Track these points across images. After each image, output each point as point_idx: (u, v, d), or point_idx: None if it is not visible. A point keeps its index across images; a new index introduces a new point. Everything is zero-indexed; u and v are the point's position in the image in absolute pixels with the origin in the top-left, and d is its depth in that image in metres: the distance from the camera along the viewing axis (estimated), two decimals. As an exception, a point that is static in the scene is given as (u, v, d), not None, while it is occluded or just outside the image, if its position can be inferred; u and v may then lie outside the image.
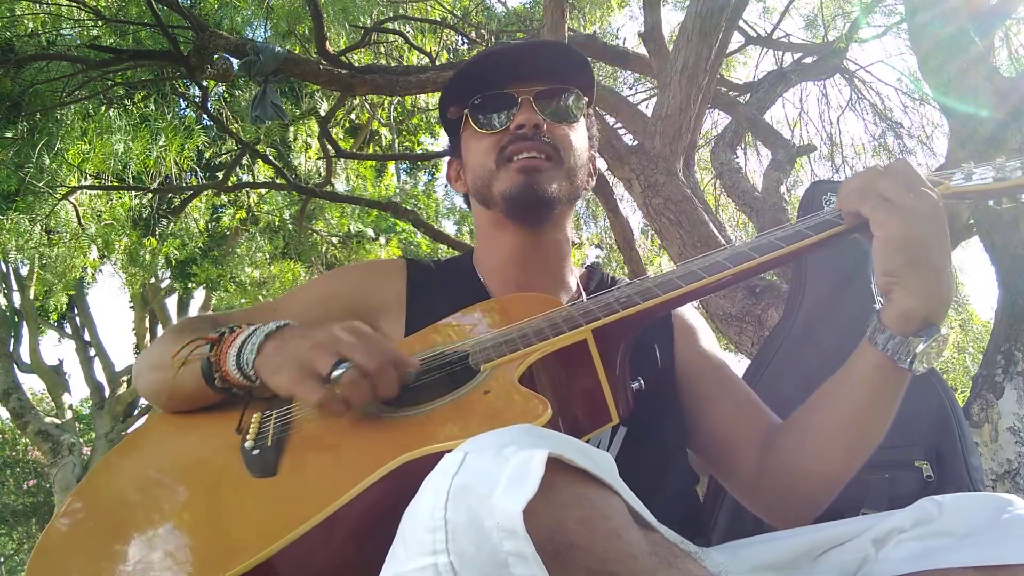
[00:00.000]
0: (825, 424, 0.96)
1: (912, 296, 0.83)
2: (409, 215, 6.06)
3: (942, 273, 0.83)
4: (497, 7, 6.98)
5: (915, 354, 0.85)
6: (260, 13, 5.54)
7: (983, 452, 2.22)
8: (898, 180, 0.84)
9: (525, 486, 0.52)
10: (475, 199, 1.22)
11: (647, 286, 0.93)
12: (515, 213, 1.14)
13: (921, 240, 0.82)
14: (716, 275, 0.90)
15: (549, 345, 0.87)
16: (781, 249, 0.90)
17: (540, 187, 1.11)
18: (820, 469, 0.97)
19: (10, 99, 4.81)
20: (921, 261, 0.82)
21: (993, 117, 2.39)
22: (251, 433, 0.88)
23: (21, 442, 12.80)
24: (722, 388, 1.15)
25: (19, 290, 9.29)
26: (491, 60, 1.18)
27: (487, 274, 1.22)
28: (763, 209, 4.26)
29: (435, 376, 0.92)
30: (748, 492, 1.11)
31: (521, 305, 1.04)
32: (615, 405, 0.90)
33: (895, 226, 0.82)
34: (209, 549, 0.73)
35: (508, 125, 1.13)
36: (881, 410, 0.92)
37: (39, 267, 6.85)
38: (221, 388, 0.94)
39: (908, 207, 0.82)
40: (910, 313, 0.84)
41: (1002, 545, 0.68)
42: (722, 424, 1.12)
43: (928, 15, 2.57)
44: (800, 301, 1.76)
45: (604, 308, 0.92)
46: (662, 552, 0.57)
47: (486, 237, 1.23)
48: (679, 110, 3.43)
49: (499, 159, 1.13)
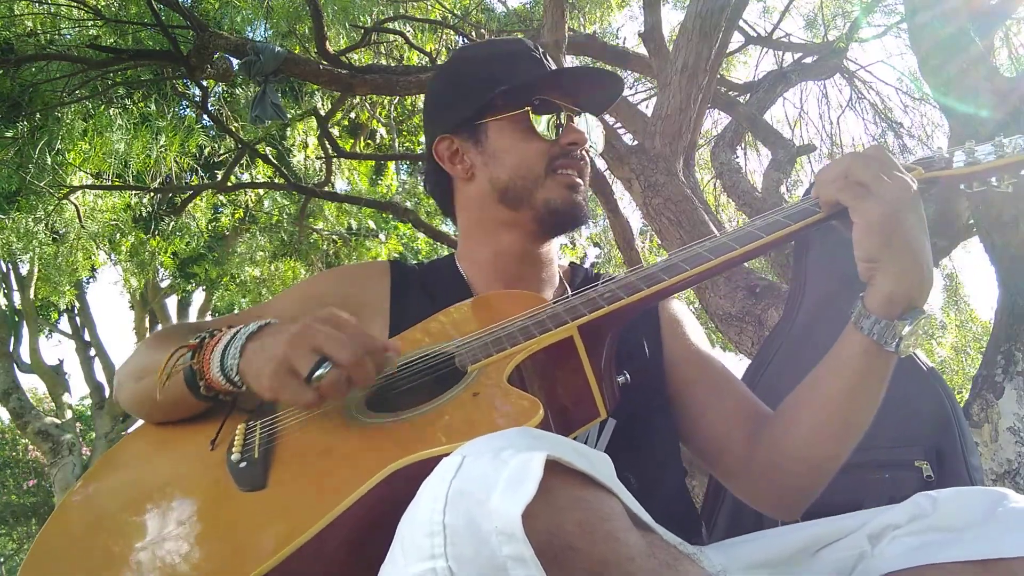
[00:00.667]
0: (813, 409, 0.97)
1: (893, 280, 0.84)
2: (409, 215, 6.06)
3: (921, 255, 0.85)
4: (497, 7, 6.98)
5: (900, 337, 0.86)
6: (260, 13, 5.54)
7: (983, 452, 2.22)
8: (872, 166, 0.85)
9: (523, 489, 0.52)
10: (497, 196, 1.16)
11: (631, 280, 0.94)
12: (552, 222, 1.15)
13: (898, 223, 0.83)
14: (698, 267, 0.91)
15: (535, 343, 0.87)
16: (761, 239, 0.90)
17: (582, 207, 1.15)
18: (809, 454, 0.98)
19: (10, 99, 4.82)
20: (899, 244, 0.83)
21: (993, 117, 2.39)
22: (236, 445, 0.86)
23: (21, 442, 12.81)
24: (708, 377, 1.15)
25: (19, 290, 9.29)
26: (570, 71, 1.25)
27: (472, 271, 1.21)
28: (763, 209, 4.25)
29: (421, 379, 0.92)
30: (738, 479, 1.11)
31: (505, 302, 1.03)
32: (603, 400, 0.90)
33: (872, 211, 0.83)
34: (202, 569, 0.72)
35: (559, 138, 1.14)
36: (868, 394, 0.93)
37: (42, 267, 6.84)
38: (206, 396, 0.92)
39: (883, 191, 0.83)
40: (893, 297, 0.85)
41: (997, 539, 0.68)
42: (709, 412, 1.12)
43: (928, 15, 2.57)
44: (800, 301, 1.77)
45: (589, 304, 0.91)
46: (660, 554, 0.57)
47: (485, 234, 1.20)
48: (679, 110, 3.43)
49: (548, 167, 1.13)
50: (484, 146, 1.16)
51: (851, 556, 0.78)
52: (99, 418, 9.59)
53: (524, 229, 1.17)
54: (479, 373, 0.86)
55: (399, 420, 0.82)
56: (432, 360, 0.94)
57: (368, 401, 0.90)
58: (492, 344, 0.90)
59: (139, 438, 1.02)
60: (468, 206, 1.22)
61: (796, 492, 1.03)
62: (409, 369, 0.94)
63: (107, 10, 5.09)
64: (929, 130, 6.27)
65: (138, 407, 1.02)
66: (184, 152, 5.72)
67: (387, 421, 0.83)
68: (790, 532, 0.86)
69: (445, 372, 0.91)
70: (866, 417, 0.95)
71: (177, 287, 9.32)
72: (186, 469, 0.90)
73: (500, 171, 1.15)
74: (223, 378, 0.89)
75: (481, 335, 0.94)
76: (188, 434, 0.96)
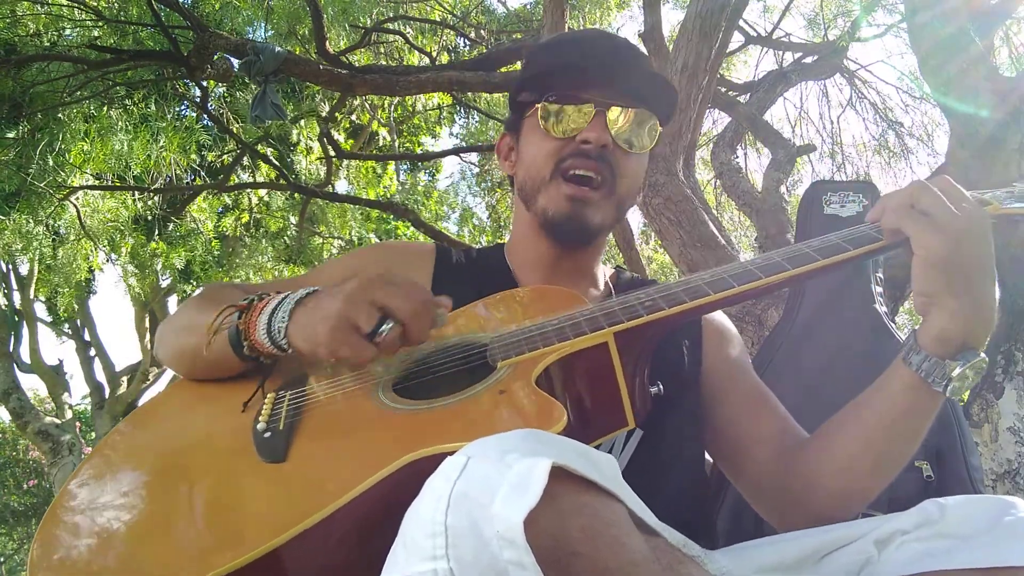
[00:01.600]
0: (851, 439, 0.93)
1: (949, 318, 0.80)
2: (409, 215, 6.07)
3: (982, 295, 0.80)
4: (497, 7, 6.98)
5: (951, 378, 0.82)
6: (260, 14, 5.54)
7: (983, 452, 2.22)
8: (940, 196, 0.80)
9: (527, 495, 0.52)
10: (519, 194, 1.16)
11: (675, 291, 0.90)
12: (552, 233, 1.11)
13: (961, 261, 0.78)
14: (747, 285, 0.87)
15: (569, 346, 0.86)
16: (817, 262, 0.86)
17: (584, 220, 1.07)
18: (840, 484, 0.95)
19: (11, 100, 4.82)
20: (960, 283, 0.79)
21: (993, 117, 2.39)
22: (264, 414, 0.88)
23: (21, 442, 12.80)
24: (745, 394, 1.13)
25: (19, 290, 9.28)
26: (583, 55, 1.10)
27: (519, 267, 1.19)
28: (763, 209, 4.26)
29: (451, 369, 0.92)
30: (765, 501, 1.09)
31: (546, 299, 1.02)
32: (632, 409, 0.88)
33: (935, 245, 0.78)
34: (213, 536, 0.73)
35: (575, 136, 1.06)
36: (910, 431, 0.89)
37: (43, 269, 6.85)
38: (249, 356, 0.92)
39: (950, 225, 0.78)
40: (946, 335, 0.81)
41: (1004, 547, 0.68)
42: (740, 430, 1.10)
43: (928, 15, 2.57)
44: (800, 303, 1.77)
45: (627, 311, 0.89)
46: (664, 558, 0.58)
47: (523, 233, 1.19)
48: (679, 110, 3.43)
49: (555, 170, 1.07)
50: (519, 143, 1.16)
51: (857, 561, 0.78)
52: (99, 418, 9.59)
53: (543, 234, 1.14)
54: (508, 370, 0.85)
55: (423, 410, 0.83)
56: (464, 351, 0.94)
57: (395, 386, 0.91)
58: (525, 342, 0.89)
59: (175, 394, 1.04)
60: (516, 205, 1.21)
61: (816, 518, 0.97)
62: (441, 356, 0.94)
63: (108, 11, 5.09)
64: (929, 130, 6.28)
65: (179, 362, 1.03)
66: (184, 153, 5.71)
67: (411, 409, 0.84)
68: (798, 538, 0.86)
69: (475, 365, 0.91)
70: (903, 455, 0.92)
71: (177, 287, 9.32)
72: (214, 430, 0.92)
73: (520, 170, 1.15)
74: (268, 341, 0.89)
75: (516, 331, 0.93)
76: (224, 393, 0.97)
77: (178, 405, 1.02)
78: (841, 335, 1.68)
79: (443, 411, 0.81)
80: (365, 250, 1.29)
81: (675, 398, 1.00)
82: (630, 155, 1.09)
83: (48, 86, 4.89)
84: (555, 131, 1.07)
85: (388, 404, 0.86)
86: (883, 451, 0.91)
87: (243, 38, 4.44)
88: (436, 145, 8.95)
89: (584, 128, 1.05)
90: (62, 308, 7.49)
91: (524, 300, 1.06)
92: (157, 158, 5.59)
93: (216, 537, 0.73)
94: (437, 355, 0.95)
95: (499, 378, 0.85)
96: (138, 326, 9.89)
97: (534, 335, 0.90)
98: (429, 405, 0.83)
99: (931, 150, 6.25)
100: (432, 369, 0.93)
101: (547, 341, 0.87)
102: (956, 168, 2.50)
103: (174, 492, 0.81)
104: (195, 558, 0.70)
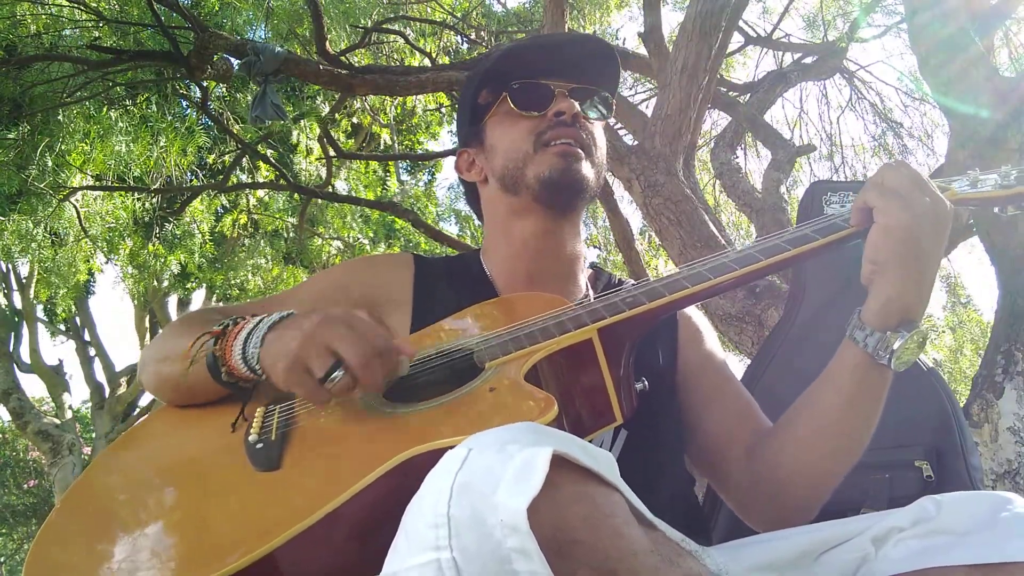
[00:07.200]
0: (809, 425, 0.96)
1: (892, 287, 0.85)
2: (409, 215, 6.07)
3: (927, 271, 0.85)
4: (497, 8, 6.99)
5: (893, 350, 0.86)
6: (260, 15, 5.55)
7: (983, 452, 2.22)
8: (911, 180, 0.86)
9: (529, 483, 0.53)
10: (499, 185, 1.18)
11: (654, 286, 0.94)
12: (549, 196, 1.12)
13: (918, 236, 0.83)
14: (722, 277, 0.91)
15: (555, 344, 0.87)
16: (787, 252, 0.91)
17: (578, 172, 1.11)
18: (806, 471, 0.97)
19: (12, 100, 4.82)
20: (910, 254, 0.84)
21: (993, 117, 2.39)
22: (255, 427, 0.89)
23: (21, 442, 12.81)
24: (719, 391, 1.15)
25: (19, 290, 9.29)
26: (532, 50, 1.21)
27: (495, 269, 1.21)
28: (763, 209, 4.26)
29: (440, 373, 0.93)
30: (735, 493, 1.10)
31: (527, 304, 1.04)
32: (619, 405, 0.90)
33: (899, 215, 0.83)
34: (211, 543, 0.74)
35: (546, 112, 1.13)
36: (864, 410, 0.92)
37: (43, 270, 6.84)
38: (227, 382, 0.93)
39: (917, 203, 0.84)
40: (888, 308, 0.86)
41: (1001, 543, 0.68)
42: (714, 428, 1.12)
43: (928, 15, 2.57)
44: (799, 304, 1.76)
45: (610, 308, 0.92)
46: (663, 550, 0.58)
47: (500, 227, 1.20)
48: (679, 110, 3.43)
49: (537, 143, 1.12)
50: (485, 145, 1.20)
51: (854, 559, 0.78)
52: (99, 418, 9.60)
53: (528, 211, 1.15)
54: (497, 369, 0.87)
55: (414, 411, 0.84)
56: (451, 355, 0.95)
57: (387, 391, 0.91)
58: (511, 342, 0.91)
59: (161, 417, 1.04)
60: (487, 207, 1.25)
61: (792, 511, 1.01)
62: (429, 363, 0.95)
63: (108, 11, 5.09)
64: (929, 130, 6.29)
65: (161, 389, 1.04)
66: (184, 153, 5.72)
67: (403, 411, 0.85)
68: (794, 535, 0.86)
69: (464, 367, 0.92)
70: (861, 435, 0.94)
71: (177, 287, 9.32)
72: (205, 448, 0.93)
73: (496, 160, 1.18)
74: (244, 366, 0.90)
75: (501, 333, 0.95)
76: (210, 416, 0.98)
77: (166, 427, 1.02)
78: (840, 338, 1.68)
79: (435, 411, 0.82)
80: (343, 267, 1.30)
81: (656, 394, 1.02)
82: (596, 124, 1.19)
83: (48, 87, 4.89)
84: (527, 111, 1.14)
85: (380, 408, 0.87)
86: (839, 433, 0.94)
87: (243, 38, 4.45)
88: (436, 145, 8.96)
89: (553, 102, 1.13)
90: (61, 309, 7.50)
91: (506, 306, 1.07)
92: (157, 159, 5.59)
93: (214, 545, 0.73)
94: (424, 363, 0.95)
95: (488, 377, 0.86)
96: (138, 326, 9.90)
97: (519, 335, 0.91)
98: (422, 406, 0.84)
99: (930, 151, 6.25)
100: (421, 374, 0.94)
101: (533, 340, 0.89)
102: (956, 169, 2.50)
103: (168, 508, 0.81)
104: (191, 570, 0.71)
